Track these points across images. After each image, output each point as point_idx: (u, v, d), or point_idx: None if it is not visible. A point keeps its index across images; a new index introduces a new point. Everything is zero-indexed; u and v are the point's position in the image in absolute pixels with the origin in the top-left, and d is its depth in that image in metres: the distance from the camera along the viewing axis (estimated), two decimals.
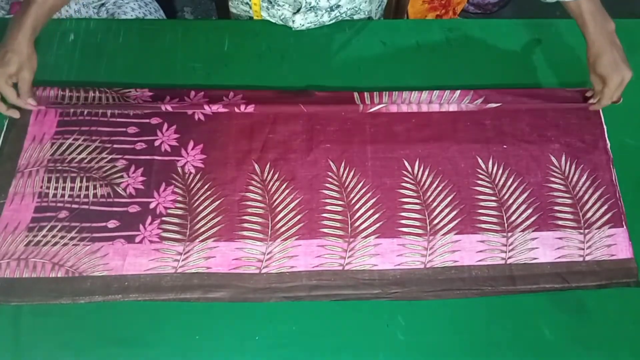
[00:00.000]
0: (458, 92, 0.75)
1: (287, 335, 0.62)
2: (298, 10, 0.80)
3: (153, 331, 0.62)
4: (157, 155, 0.71)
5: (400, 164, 0.71)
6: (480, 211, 0.69)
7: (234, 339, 0.62)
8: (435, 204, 0.69)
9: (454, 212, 0.68)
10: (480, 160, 0.72)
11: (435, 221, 0.68)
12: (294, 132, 0.72)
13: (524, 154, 0.72)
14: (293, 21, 0.81)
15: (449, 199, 0.69)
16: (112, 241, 0.65)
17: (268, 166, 0.70)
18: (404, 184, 0.70)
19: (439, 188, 0.70)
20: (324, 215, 0.68)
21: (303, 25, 0.81)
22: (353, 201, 0.69)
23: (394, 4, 0.97)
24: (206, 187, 0.69)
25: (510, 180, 0.70)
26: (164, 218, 0.67)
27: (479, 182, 0.70)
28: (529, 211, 0.69)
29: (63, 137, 0.71)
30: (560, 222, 0.68)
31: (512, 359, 0.63)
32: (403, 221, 0.68)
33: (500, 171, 0.71)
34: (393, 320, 0.64)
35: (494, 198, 0.69)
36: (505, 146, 0.72)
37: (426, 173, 0.70)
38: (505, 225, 0.68)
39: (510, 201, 0.69)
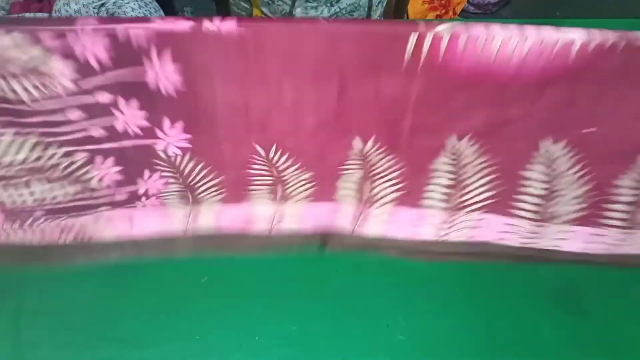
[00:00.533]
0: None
1: (287, 335, 0.62)
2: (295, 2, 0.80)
3: (153, 331, 0.62)
4: (126, 140, 0.55)
5: (443, 138, 0.57)
6: (518, 197, 0.61)
7: (234, 339, 0.62)
8: (470, 180, 0.60)
9: (488, 188, 0.60)
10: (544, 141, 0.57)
11: (465, 197, 0.61)
12: (308, 106, 0.52)
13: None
14: (294, 15, 0.81)
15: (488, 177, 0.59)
16: (112, 209, 0.60)
17: (274, 147, 0.57)
18: (439, 158, 0.58)
19: (481, 165, 0.59)
20: (338, 182, 0.61)
21: None
22: (375, 170, 0.60)
23: (394, 4, 0.97)
24: (200, 166, 0.58)
25: (573, 160, 0.58)
26: (160, 195, 0.60)
27: (529, 165, 0.58)
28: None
29: None
30: None
31: (512, 359, 0.63)
32: (426, 194, 0.61)
33: (562, 151, 0.57)
34: (393, 320, 0.64)
35: (546, 186, 0.60)
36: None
37: (471, 147, 0.57)
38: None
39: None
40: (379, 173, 0.60)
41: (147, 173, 0.58)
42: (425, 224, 0.63)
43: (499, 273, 0.67)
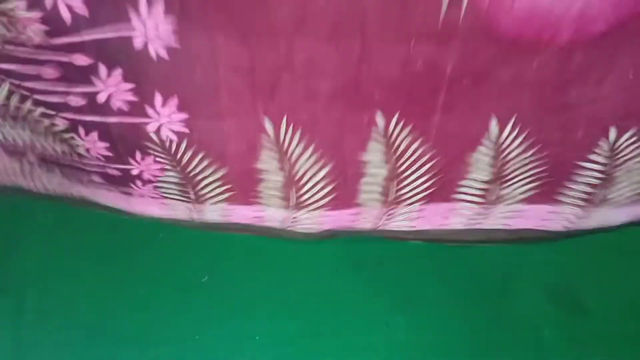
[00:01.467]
0: None
1: (287, 335, 0.62)
2: None
3: (153, 331, 0.62)
4: (111, 116, 0.45)
5: (482, 122, 0.46)
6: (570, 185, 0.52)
7: (234, 339, 0.62)
8: (514, 174, 0.51)
9: (531, 181, 0.51)
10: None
11: (505, 191, 0.53)
12: (323, 70, 0.43)
13: None
14: None
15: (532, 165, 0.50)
16: (107, 188, 0.53)
17: (285, 121, 0.46)
18: (477, 151, 0.49)
19: (528, 159, 0.49)
20: (360, 185, 0.53)
21: None
22: (403, 165, 0.50)
23: None
24: (199, 157, 0.49)
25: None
26: (156, 184, 0.52)
27: (595, 149, 0.48)
28: None
29: None
30: None
31: (512, 359, 0.63)
32: (460, 188, 0.54)
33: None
34: (393, 320, 0.64)
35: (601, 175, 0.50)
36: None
37: (514, 133, 0.47)
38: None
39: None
40: (408, 168, 0.50)
41: (138, 155, 0.49)
42: (456, 215, 0.56)
43: (499, 272, 0.67)
